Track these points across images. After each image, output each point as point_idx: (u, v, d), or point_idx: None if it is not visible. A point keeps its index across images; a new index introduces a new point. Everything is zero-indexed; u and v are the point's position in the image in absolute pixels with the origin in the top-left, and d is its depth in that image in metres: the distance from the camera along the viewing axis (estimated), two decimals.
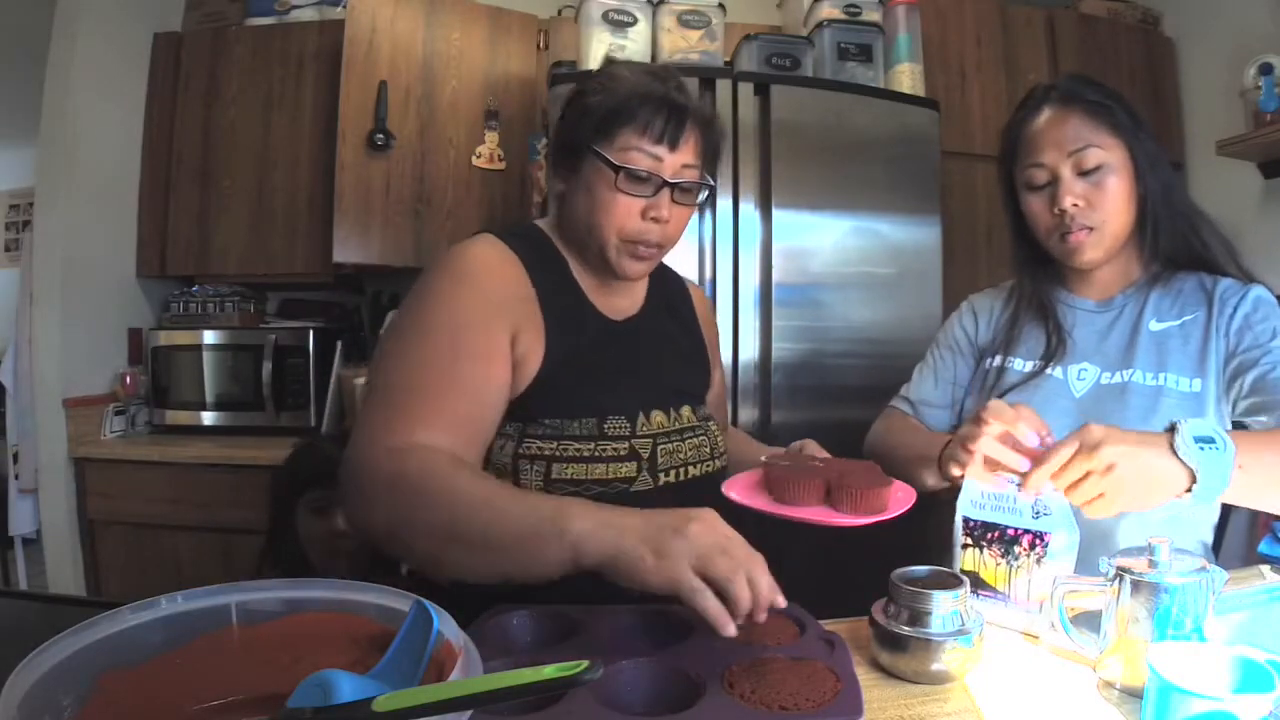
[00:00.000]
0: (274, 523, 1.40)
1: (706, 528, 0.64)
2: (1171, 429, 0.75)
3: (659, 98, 0.89)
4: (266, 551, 1.41)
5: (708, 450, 0.99)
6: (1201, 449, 0.74)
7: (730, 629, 0.61)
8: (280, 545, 1.37)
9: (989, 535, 0.84)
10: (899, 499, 0.82)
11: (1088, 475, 0.74)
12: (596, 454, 0.88)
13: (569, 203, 0.95)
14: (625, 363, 0.96)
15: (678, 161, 0.90)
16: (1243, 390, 0.94)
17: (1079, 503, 0.75)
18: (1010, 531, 0.82)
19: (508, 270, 0.91)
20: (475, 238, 0.93)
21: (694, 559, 0.62)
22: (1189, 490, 0.74)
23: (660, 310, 1.06)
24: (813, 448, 0.98)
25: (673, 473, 0.93)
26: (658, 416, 0.95)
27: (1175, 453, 0.74)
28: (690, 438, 0.98)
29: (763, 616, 0.63)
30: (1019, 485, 0.80)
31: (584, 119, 0.91)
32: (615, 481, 0.89)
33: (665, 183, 0.90)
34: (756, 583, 0.62)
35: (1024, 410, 0.84)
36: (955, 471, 0.88)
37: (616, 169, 0.88)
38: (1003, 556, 0.83)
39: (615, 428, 0.91)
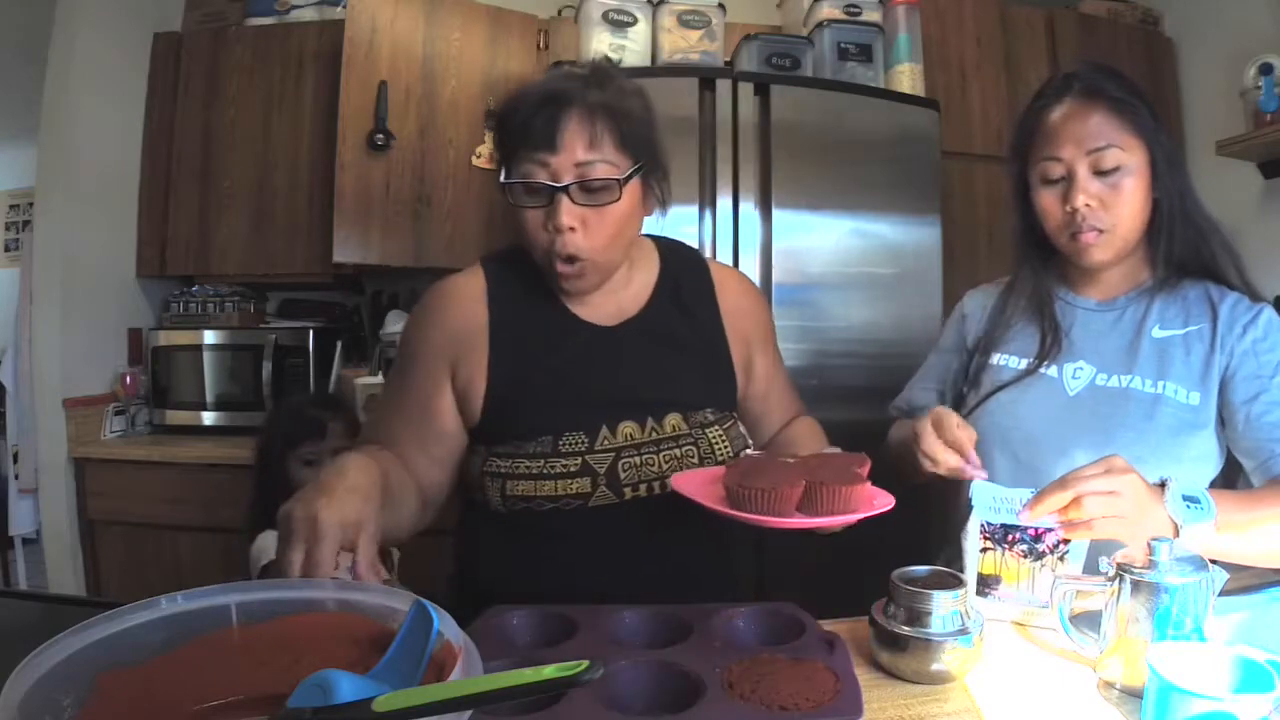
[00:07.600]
0: (264, 474, 1.58)
1: None
2: (1162, 485, 0.80)
3: (535, 98, 0.82)
4: (257, 501, 1.56)
5: (695, 460, 0.92)
6: (1188, 507, 0.79)
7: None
8: (273, 495, 1.45)
9: (1010, 536, 0.84)
10: (870, 501, 0.75)
11: (1113, 493, 0.75)
12: (545, 471, 0.88)
13: None
14: (598, 375, 0.93)
15: (567, 161, 0.82)
16: (1235, 426, 0.93)
17: (1095, 514, 0.76)
18: (1031, 531, 0.83)
19: (465, 306, 0.94)
20: (462, 271, 0.98)
21: None
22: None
23: (667, 308, 0.98)
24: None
25: (642, 487, 0.90)
26: (627, 428, 0.91)
27: (1165, 505, 0.78)
28: (670, 449, 0.92)
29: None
30: (1025, 507, 0.80)
31: (496, 147, 0.90)
32: (567, 498, 0.88)
33: (553, 187, 0.83)
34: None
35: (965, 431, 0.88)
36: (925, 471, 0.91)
37: (504, 186, 0.86)
38: (1025, 556, 0.84)
39: (571, 444, 0.89)
